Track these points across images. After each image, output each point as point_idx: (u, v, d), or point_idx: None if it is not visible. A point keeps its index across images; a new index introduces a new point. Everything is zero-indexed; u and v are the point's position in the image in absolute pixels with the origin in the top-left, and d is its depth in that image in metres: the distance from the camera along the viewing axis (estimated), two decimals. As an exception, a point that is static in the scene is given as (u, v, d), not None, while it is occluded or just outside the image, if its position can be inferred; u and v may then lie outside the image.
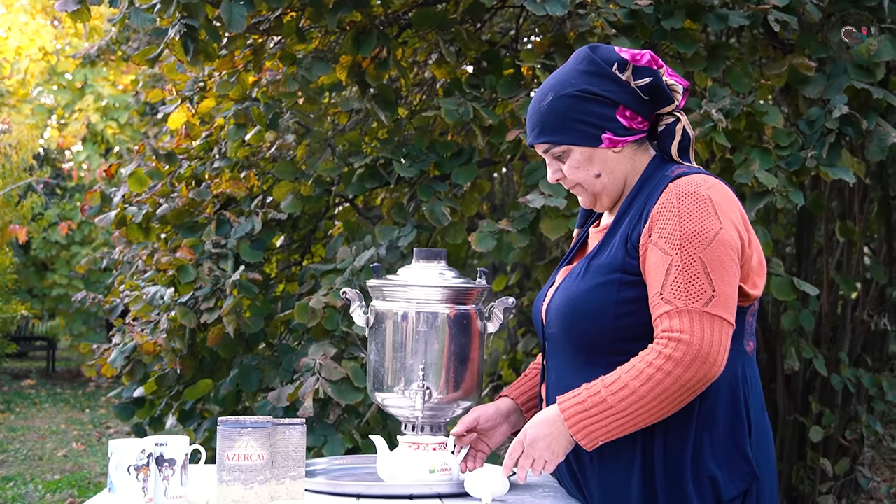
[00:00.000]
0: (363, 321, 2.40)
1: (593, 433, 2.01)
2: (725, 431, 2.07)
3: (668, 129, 2.18)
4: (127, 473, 2.02)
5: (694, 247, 2.00)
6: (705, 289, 1.98)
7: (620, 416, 1.99)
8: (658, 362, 1.97)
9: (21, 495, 7.48)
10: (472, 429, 2.33)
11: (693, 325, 1.97)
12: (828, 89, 3.85)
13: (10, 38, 16.03)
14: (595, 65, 2.14)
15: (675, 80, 2.19)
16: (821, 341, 5.25)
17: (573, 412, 2.02)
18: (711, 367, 1.97)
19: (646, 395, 1.97)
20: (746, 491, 2.07)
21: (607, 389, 2.00)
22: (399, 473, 2.26)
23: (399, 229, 4.05)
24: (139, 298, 4.39)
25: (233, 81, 4.35)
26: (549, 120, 2.16)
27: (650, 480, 2.06)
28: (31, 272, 15.41)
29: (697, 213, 2.03)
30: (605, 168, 2.17)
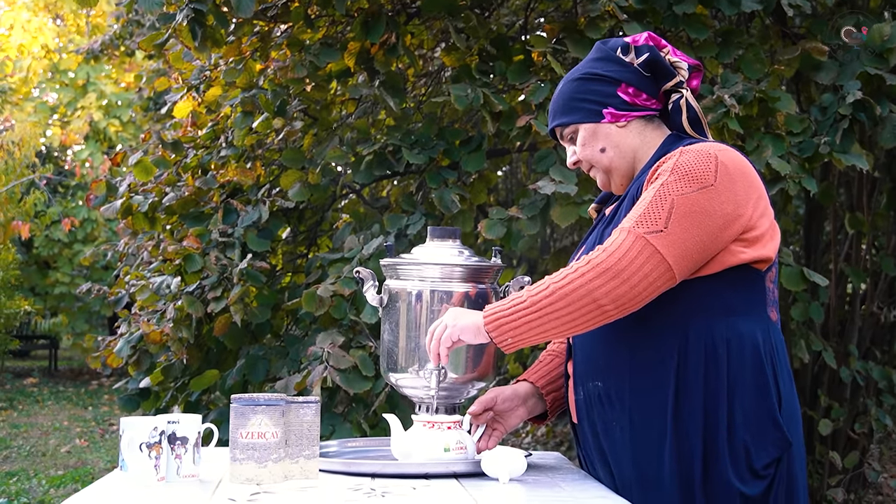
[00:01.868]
0: (376, 301, 2.36)
1: (504, 327, 2.03)
2: (755, 398, 2.05)
3: (675, 105, 2.22)
4: (139, 451, 1.99)
5: (673, 187, 2.02)
6: (658, 222, 1.99)
7: (534, 316, 2.00)
8: (579, 264, 2.00)
9: (25, 490, 7.46)
10: (489, 408, 2.31)
11: (624, 241, 1.99)
12: (840, 75, 3.82)
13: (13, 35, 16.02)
14: (602, 51, 2.26)
15: (680, 58, 2.24)
16: (829, 334, 5.22)
17: (493, 307, 2.07)
18: (622, 286, 1.96)
19: (555, 291, 1.99)
20: (779, 459, 2.06)
21: (531, 290, 2.04)
22: (413, 452, 2.23)
23: (407, 217, 4.02)
24: (145, 288, 4.36)
25: (240, 68, 4.32)
26: (558, 104, 2.27)
27: (686, 450, 2.05)
28: (33, 270, 15.39)
29: (693, 163, 2.05)
30: (609, 142, 2.22)
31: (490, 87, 3.88)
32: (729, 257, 2.05)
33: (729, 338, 2.05)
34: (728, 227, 2.03)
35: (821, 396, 5.10)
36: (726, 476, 2.03)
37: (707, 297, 2.05)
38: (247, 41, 4.34)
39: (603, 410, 2.15)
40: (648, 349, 2.07)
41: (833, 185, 4.89)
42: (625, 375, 2.09)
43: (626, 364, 2.09)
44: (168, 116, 5.26)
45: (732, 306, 2.07)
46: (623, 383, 2.11)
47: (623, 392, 2.11)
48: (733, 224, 2.03)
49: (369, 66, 4.16)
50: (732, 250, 2.05)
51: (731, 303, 2.07)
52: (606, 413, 2.14)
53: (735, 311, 2.07)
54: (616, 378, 2.11)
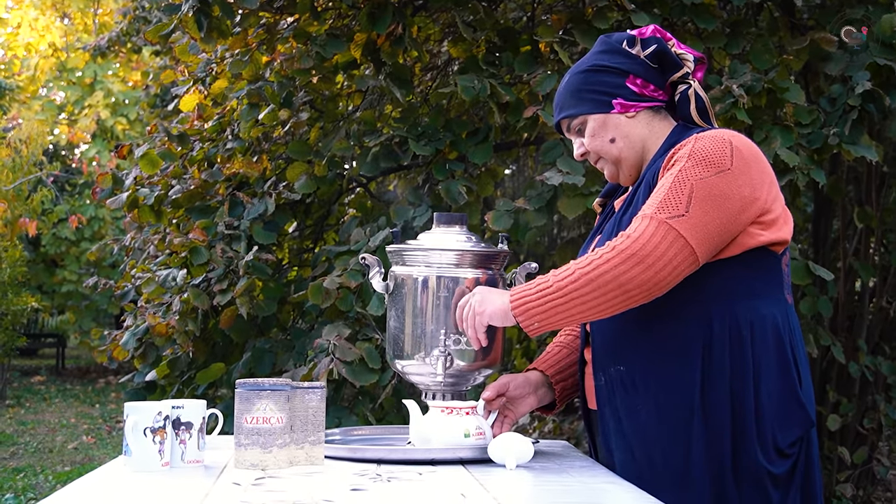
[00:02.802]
0: (382, 287, 2.35)
1: (530, 312, 2.04)
2: (779, 379, 2.08)
3: (683, 96, 2.24)
4: (143, 436, 1.98)
5: (692, 172, 2.04)
6: (679, 206, 2.01)
7: (561, 301, 2.02)
8: (603, 251, 2.01)
9: (32, 486, 7.46)
10: (501, 393, 2.31)
11: (648, 227, 2.00)
12: (850, 66, 3.80)
13: (21, 34, 16.07)
14: (607, 45, 2.28)
15: (685, 50, 2.26)
16: (838, 329, 5.19)
17: (518, 291, 2.08)
18: (647, 272, 1.98)
19: (581, 277, 2.00)
20: (803, 437, 2.10)
21: (556, 274, 2.05)
22: (433, 438, 2.21)
23: (414, 209, 4.01)
24: (151, 280, 4.35)
25: (246, 60, 4.31)
26: (565, 97, 2.28)
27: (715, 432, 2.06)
28: (40, 268, 15.41)
29: (709, 148, 2.07)
30: (618, 132, 2.23)
31: (497, 78, 3.86)
32: (748, 239, 2.07)
33: (752, 320, 2.07)
34: (746, 210, 2.05)
35: (829, 391, 5.07)
36: (755, 456, 2.05)
37: (728, 280, 2.07)
38: (253, 33, 4.33)
39: (626, 395, 2.14)
40: (672, 333, 2.08)
41: (842, 179, 4.86)
42: (648, 360, 2.10)
43: (649, 348, 2.10)
44: (175, 113, 5.26)
45: (753, 289, 2.09)
46: (647, 367, 2.11)
47: (648, 376, 2.11)
48: (751, 207, 2.05)
49: (376, 57, 4.15)
50: (751, 233, 2.07)
51: (752, 285, 2.09)
52: (630, 398, 2.14)
53: (755, 293, 2.09)
54: (639, 362, 2.12)
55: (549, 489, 1.94)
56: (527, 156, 6.16)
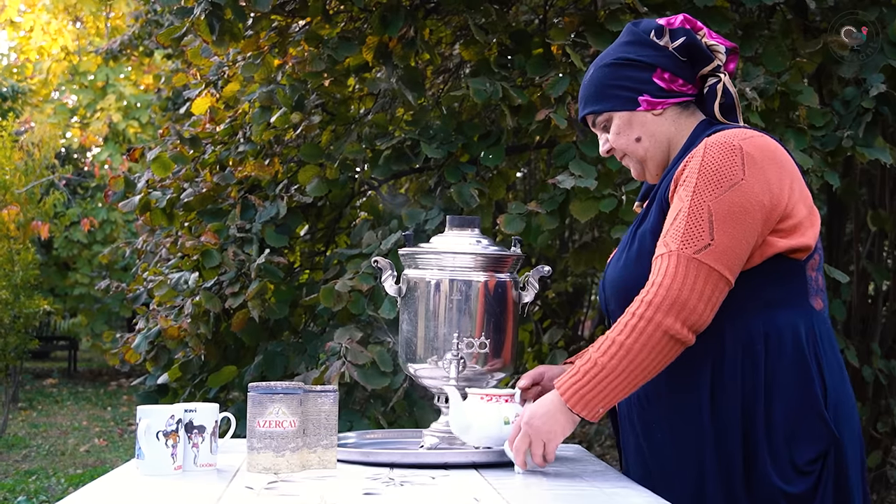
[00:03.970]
0: (394, 291, 2.34)
1: (591, 401, 1.94)
2: (797, 392, 1.98)
3: (711, 90, 2.14)
4: (156, 439, 1.97)
5: (706, 193, 1.95)
6: (703, 236, 1.93)
7: (613, 375, 1.92)
8: (640, 311, 1.92)
9: (44, 488, 7.48)
10: (536, 382, 2.28)
11: (677, 269, 1.92)
12: (863, 69, 3.78)
13: (33, 37, 16.12)
14: (634, 34, 2.16)
15: (717, 41, 2.15)
16: (852, 332, 5.17)
17: (567, 385, 1.96)
18: (691, 315, 1.90)
19: (632, 346, 1.91)
20: (826, 454, 1.99)
21: (598, 352, 1.94)
22: (474, 425, 2.16)
23: (426, 212, 4.00)
24: (163, 283, 4.35)
25: (258, 64, 4.31)
26: (590, 91, 2.19)
27: (726, 450, 2.00)
28: (53, 271, 15.45)
29: (719, 161, 1.97)
30: (644, 131, 2.14)
31: (509, 80, 3.86)
32: (766, 249, 1.98)
33: (767, 332, 1.99)
34: (769, 218, 1.97)
35: (843, 395, 5.04)
36: (767, 475, 1.97)
37: (743, 292, 1.98)
38: (265, 36, 4.33)
39: (642, 411, 2.11)
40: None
41: (855, 182, 4.85)
42: (661, 376, 2.00)
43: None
44: (187, 116, 5.27)
45: (770, 299, 2.00)
46: (660, 384, 2.04)
47: (661, 392, 2.06)
48: (772, 213, 1.97)
49: (388, 60, 4.14)
50: (769, 241, 1.98)
51: (769, 295, 2.00)
52: (646, 414, 2.10)
53: (773, 303, 2.00)
54: (654, 381, 2.02)
55: (563, 493, 1.93)
56: (539, 159, 6.15)
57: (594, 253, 4.28)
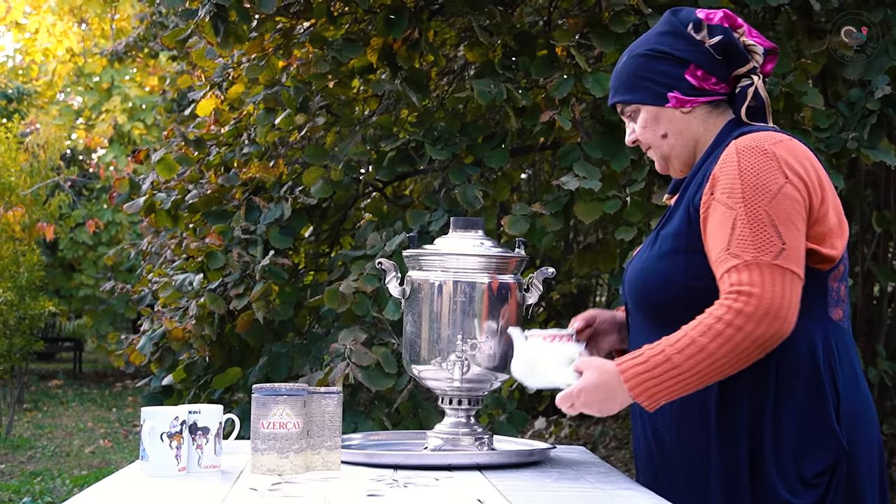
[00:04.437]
0: (398, 292, 2.34)
1: (656, 394, 1.91)
2: (808, 404, 1.96)
3: (742, 91, 2.09)
4: (160, 441, 1.98)
5: (758, 200, 1.91)
6: (774, 241, 1.89)
7: (686, 374, 1.89)
8: (728, 317, 1.87)
9: (49, 489, 7.48)
10: (590, 325, 2.27)
11: (763, 278, 1.87)
12: (868, 70, 3.78)
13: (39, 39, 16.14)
14: (671, 25, 2.09)
15: (757, 40, 2.10)
16: (857, 334, 5.17)
17: (633, 373, 1.92)
18: (783, 324, 1.86)
19: (715, 351, 1.87)
20: (836, 467, 1.97)
21: (672, 348, 1.89)
22: (540, 362, 2.12)
23: (430, 214, 4.00)
24: (168, 285, 4.36)
25: (262, 65, 4.31)
26: (622, 79, 2.13)
27: (732, 459, 1.98)
28: (58, 272, 15.48)
29: (759, 167, 1.93)
30: (671, 128, 2.11)
31: (513, 82, 3.86)
32: None
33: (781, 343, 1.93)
34: (810, 212, 1.95)
35: (848, 397, 5.04)
36: (773, 486, 1.95)
37: None
38: (269, 38, 4.34)
39: (654, 416, 2.10)
40: None
41: (860, 183, 4.85)
42: None
43: None
44: (192, 118, 5.27)
45: None
46: None
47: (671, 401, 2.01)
48: (810, 217, 1.95)
49: (392, 62, 4.15)
50: None
51: None
52: (655, 418, 2.09)
53: None
54: None
55: (566, 495, 1.93)
56: (543, 160, 6.16)
57: (598, 254, 4.28)
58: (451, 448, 2.27)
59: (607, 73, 3.67)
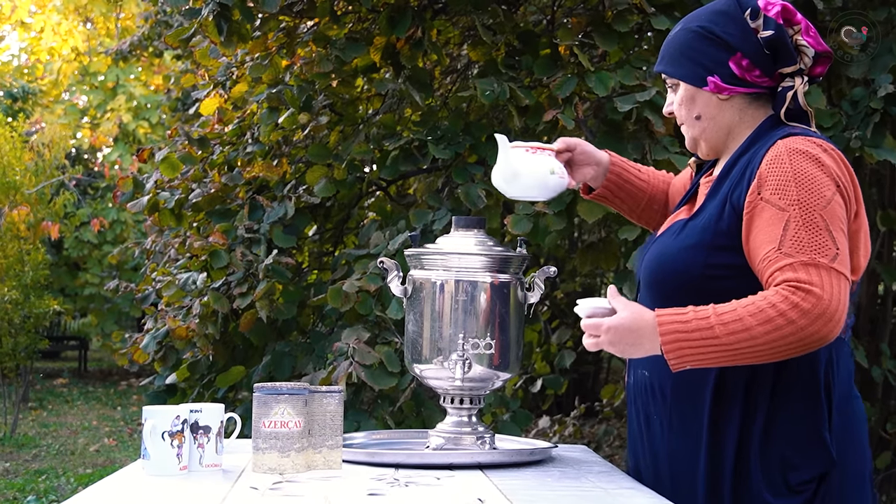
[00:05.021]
0: (400, 291, 2.34)
1: (686, 356, 1.89)
2: (802, 414, 1.98)
3: (783, 91, 2.06)
4: (161, 440, 1.98)
5: (813, 204, 1.90)
6: (829, 245, 1.88)
7: (722, 348, 1.87)
8: (783, 307, 1.84)
9: (54, 488, 7.50)
10: (569, 150, 2.31)
11: (822, 279, 1.86)
12: (872, 69, 3.78)
13: (44, 38, 16.16)
14: (729, 5, 2.06)
15: (811, 42, 2.06)
16: (861, 333, 5.16)
17: (671, 329, 1.90)
18: (835, 327, 1.86)
19: (759, 336, 1.85)
20: (823, 476, 1.98)
21: (718, 318, 1.87)
22: (522, 171, 2.19)
23: (433, 213, 4.00)
24: (171, 284, 4.37)
25: (265, 64, 4.32)
26: (669, 50, 2.13)
27: (719, 457, 2.01)
28: (63, 271, 15.49)
29: (812, 173, 1.93)
30: (706, 112, 2.10)
31: (516, 81, 3.86)
32: None
33: None
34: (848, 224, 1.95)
35: (852, 396, 5.03)
36: (757, 489, 1.97)
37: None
38: (272, 37, 4.34)
39: (646, 401, 2.13)
40: None
41: (864, 182, 4.83)
42: (668, 372, 1.99)
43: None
44: (195, 117, 5.28)
45: None
46: (666, 378, 2.06)
47: (665, 387, 2.07)
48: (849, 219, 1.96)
49: (395, 61, 4.15)
50: None
51: None
52: (650, 404, 2.12)
53: None
54: (661, 371, 2.05)
55: (568, 494, 1.93)
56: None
57: (601, 253, 4.28)
58: (452, 447, 2.28)
59: (610, 72, 3.67)
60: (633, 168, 2.41)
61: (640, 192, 2.41)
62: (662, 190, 2.43)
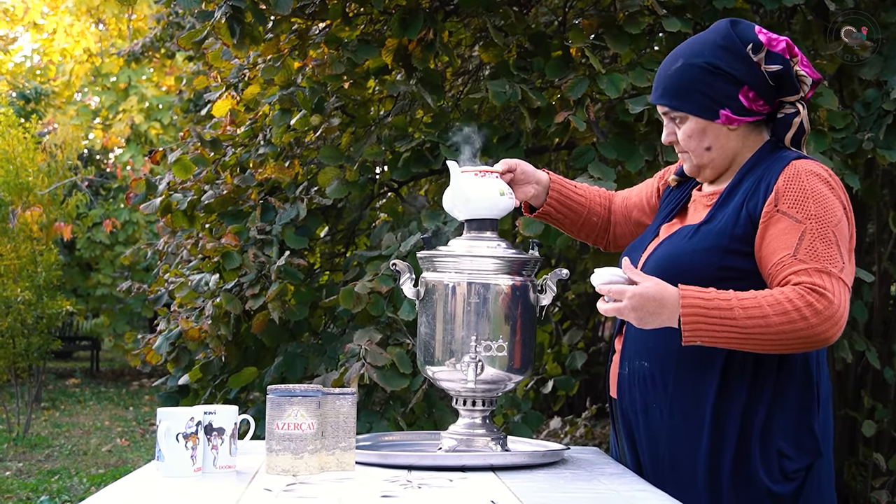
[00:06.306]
0: (413, 294, 2.35)
1: (701, 331, 2.02)
2: (796, 408, 2.12)
3: (786, 117, 2.20)
4: (175, 441, 1.99)
5: (827, 221, 2.06)
6: (838, 258, 2.05)
7: (738, 331, 2.01)
8: (800, 304, 2.00)
9: (66, 488, 7.52)
10: (511, 170, 2.41)
11: (834, 286, 2.02)
12: (885, 70, 3.77)
13: (56, 39, 16.21)
14: (730, 40, 2.17)
15: (807, 71, 2.20)
16: (873, 334, 5.15)
17: (693, 303, 2.02)
18: (839, 331, 2.03)
19: (773, 326, 2.00)
20: (810, 466, 2.12)
21: (740, 302, 2.01)
22: (473, 197, 2.31)
23: (445, 214, 4.00)
24: (184, 285, 4.38)
25: (278, 66, 4.33)
26: (674, 84, 2.21)
27: (719, 445, 2.12)
28: (75, 272, 15.53)
29: (826, 194, 2.09)
30: (716, 143, 2.21)
31: (528, 82, 3.86)
32: None
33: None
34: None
35: (864, 397, 5.04)
36: (757, 475, 2.10)
37: None
38: (285, 39, 4.35)
39: (644, 391, 2.20)
40: None
41: (876, 183, 4.82)
42: (671, 362, 2.14)
43: (675, 351, 2.11)
44: (208, 118, 5.29)
45: None
46: (667, 369, 2.16)
47: (667, 377, 2.16)
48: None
49: (407, 62, 4.16)
50: None
51: None
52: (649, 394, 2.19)
53: None
54: (663, 362, 2.16)
55: (580, 496, 1.94)
56: (558, 160, 6.14)
57: (614, 255, 4.27)
58: (465, 449, 2.28)
59: (622, 73, 3.67)
60: (571, 185, 2.55)
61: (580, 208, 2.54)
62: (600, 204, 2.57)
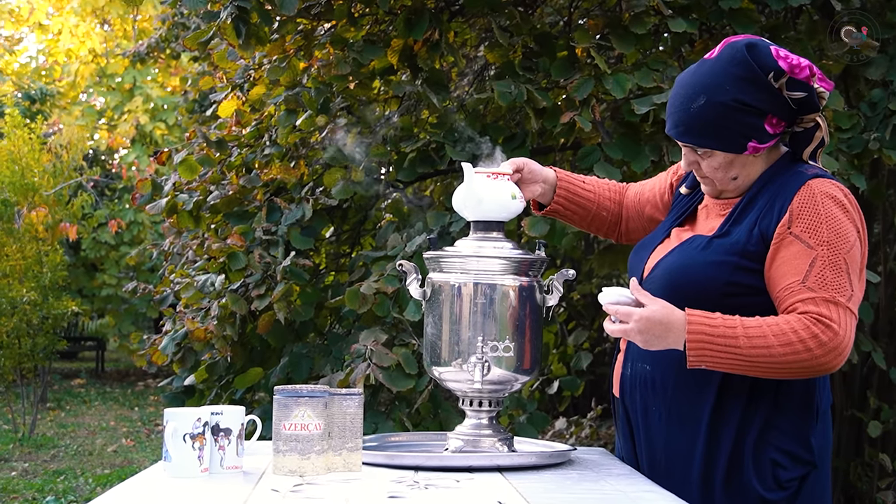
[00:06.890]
0: (419, 294, 2.35)
1: (705, 357, 2.03)
2: (795, 420, 2.14)
3: (806, 134, 2.20)
4: (182, 442, 1.99)
5: (839, 248, 2.07)
6: (847, 286, 2.05)
7: (740, 358, 2.02)
8: (804, 335, 2.01)
9: (72, 488, 7.53)
10: (518, 170, 2.41)
11: (840, 317, 2.03)
12: (890, 70, 3.77)
13: (61, 40, 16.23)
14: (751, 71, 2.12)
15: (824, 85, 2.18)
16: (879, 334, 5.15)
17: (699, 329, 2.03)
18: (842, 361, 2.05)
19: (777, 356, 2.01)
20: (805, 476, 2.14)
21: (744, 331, 2.03)
22: (486, 198, 2.31)
23: (451, 215, 4.01)
24: (190, 286, 4.38)
25: (283, 67, 4.33)
26: (699, 124, 2.16)
27: (714, 452, 2.13)
28: (81, 272, 15.55)
29: (840, 218, 2.09)
30: (742, 172, 2.21)
31: (533, 83, 3.86)
32: None
33: None
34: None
35: (870, 398, 5.03)
36: (750, 483, 2.12)
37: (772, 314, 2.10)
38: (290, 39, 4.35)
39: (644, 393, 2.22)
40: None
41: (882, 183, 4.82)
42: (673, 367, 2.14)
43: (677, 357, 2.10)
44: (213, 119, 5.29)
45: None
46: (669, 374, 2.16)
47: (668, 382, 2.17)
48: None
49: (412, 63, 4.16)
50: None
51: None
52: (649, 396, 2.21)
53: None
54: (664, 367, 2.17)
55: (587, 497, 1.94)
56: (564, 161, 6.14)
57: (618, 255, 4.28)
58: (471, 450, 2.28)
59: (627, 73, 3.67)
60: (579, 181, 2.53)
61: (588, 204, 2.53)
62: (610, 198, 2.56)
